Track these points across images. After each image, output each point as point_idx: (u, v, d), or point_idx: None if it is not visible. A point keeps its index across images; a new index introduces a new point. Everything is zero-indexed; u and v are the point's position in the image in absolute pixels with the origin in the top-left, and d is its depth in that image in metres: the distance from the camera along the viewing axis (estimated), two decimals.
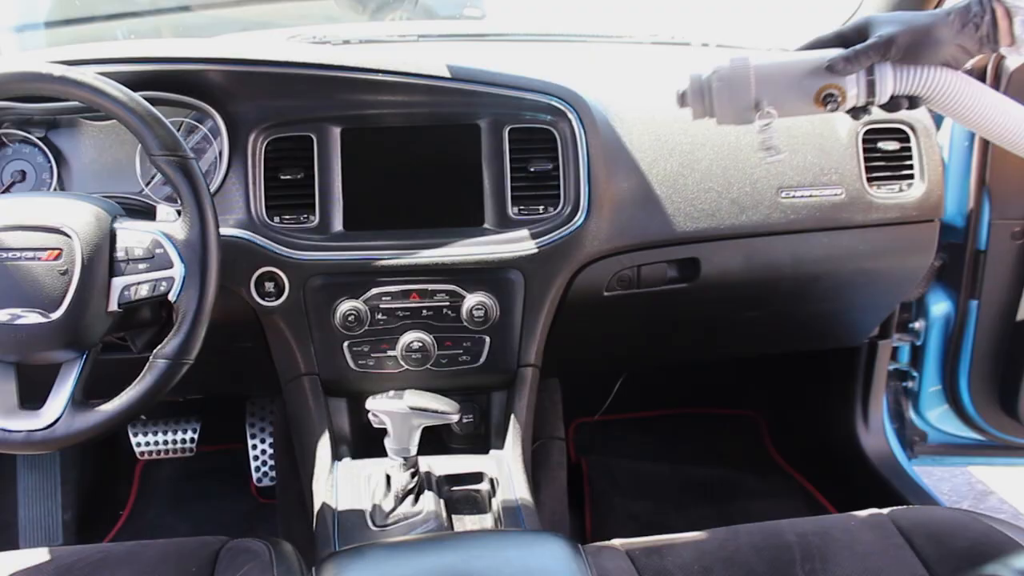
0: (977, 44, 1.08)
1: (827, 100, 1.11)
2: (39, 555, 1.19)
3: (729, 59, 1.14)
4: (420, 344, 1.48)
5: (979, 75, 1.87)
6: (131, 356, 1.30)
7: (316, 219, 1.47)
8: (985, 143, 1.87)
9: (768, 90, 1.12)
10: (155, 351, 1.18)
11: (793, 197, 1.61)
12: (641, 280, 1.61)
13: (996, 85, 1.83)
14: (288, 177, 1.46)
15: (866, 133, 1.66)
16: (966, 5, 1.09)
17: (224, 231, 1.37)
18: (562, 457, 1.98)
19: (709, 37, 2.05)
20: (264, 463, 2.17)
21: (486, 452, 1.56)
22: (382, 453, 1.37)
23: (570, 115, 1.48)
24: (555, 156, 1.50)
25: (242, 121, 1.45)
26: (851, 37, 1.13)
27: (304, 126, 1.47)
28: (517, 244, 1.48)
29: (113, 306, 1.17)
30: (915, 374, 2.14)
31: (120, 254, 1.18)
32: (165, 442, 2.19)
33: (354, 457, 1.53)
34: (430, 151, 1.50)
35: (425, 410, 1.32)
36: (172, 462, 2.31)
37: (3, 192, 1.46)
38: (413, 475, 1.36)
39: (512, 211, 1.49)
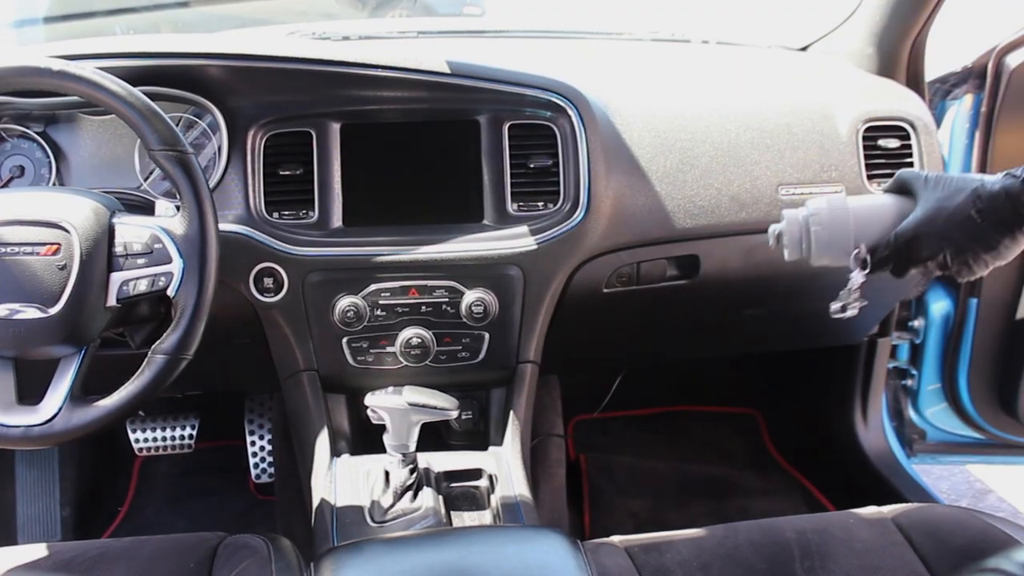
0: None
1: None
2: (37, 551, 1.19)
3: (827, 200, 1.15)
4: (419, 340, 1.47)
5: (979, 74, 1.87)
6: (130, 352, 1.29)
7: (315, 215, 1.47)
8: (985, 141, 1.87)
9: (865, 234, 1.13)
10: (154, 346, 1.17)
11: (793, 194, 1.61)
12: (640, 277, 1.61)
13: (996, 84, 1.83)
14: (287, 173, 1.46)
15: (866, 131, 1.66)
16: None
17: (223, 226, 1.37)
18: (561, 454, 1.98)
19: (709, 34, 2.05)
20: (263, 459, 2.17)
21: (485, 449, 1.55)
22: (381, 449, 1.36)
23: (570, 111, 1.48)
24: (555, 152, 1.50)
25: (241, 116, 1.45)
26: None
27: (303, 122, 1.47)
28: (516, 240, 1.47)
29: (112, 301, 1.17)
30: (914, 372, 2.14)
31: (119, 249, 1.18)
32: (163, 438, 2.19)
33: (353, 453, 1.53)
34: (430, 147, 1.50)
35: (424, 406, 1.32)
36: (170, 458, 2.30)
37: (2, 187, 1.46)
38: (412, 471, 1.36)
39: (512, 207, 1.49)
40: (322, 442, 1.52)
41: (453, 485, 1.45)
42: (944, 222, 1.08)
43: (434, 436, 1.57)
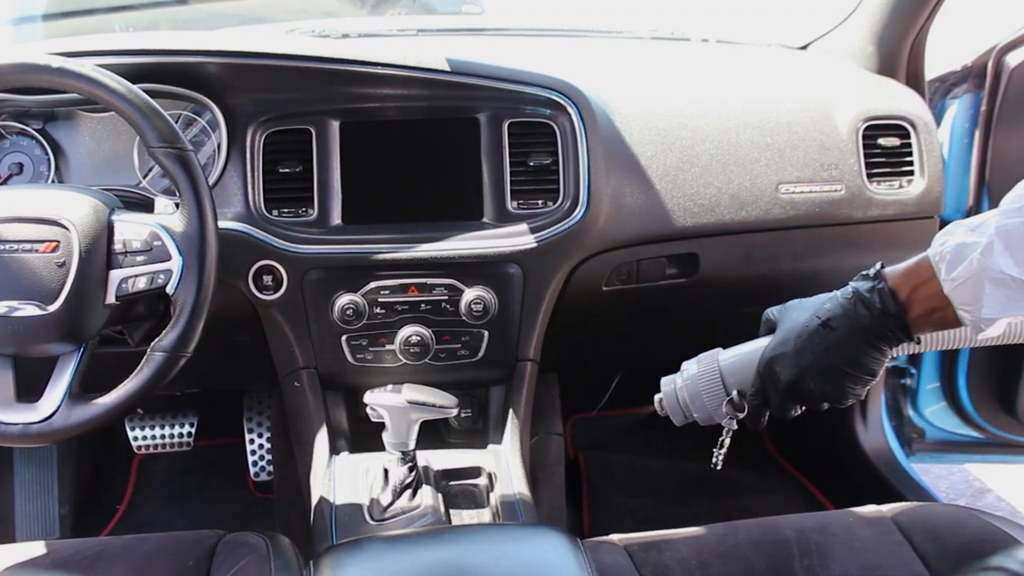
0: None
1: None
2: (36, 548, 1.19)
3: (697, 360, 1.16)
4: (418, 338, 1.47)
5: (979, 73, 1.87)
6: (128, 350, 1.29)
7: (314, 212, 1.46)
8: (985, 140, 1.87)
9: (741, 381, 1.12)
10: (152, 344, 1.17)
11: (793, 193, 1.61)
12: (640, 275, 1.61)
13: (996, 83, 1.83)
14: (287, 170, 1.46)
15: (866, 129, 1.66)
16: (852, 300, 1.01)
17: (222, 224, 1.37)
18: (560, 452, 1.97)
19: (708, 33, 2.05)
20: (262, 457, 2.17)
21: (484, 447, 1.56)
22: (380, 447, 1.36)
23: (570, 109, 1.48)
24: (554, 150, 1.49)
25: (240, 114, 1.45)
26: None
27: (303, 119, 1.46)
28: (516, 238, 1.47)
29: (111, 299, 1.16)
30: (913, 371, 2.14)
31: (118, 246, 1.17)
32: (162, 436, 2.18)
33: (352, 451, 1.53)
34: (429, 145, 1.50)
35: (423, 404, 1.32)
36: (169, 456, 2.30)
37: (0, 184, 1.45)
38: (411, 469, 1.36)
39: (511, 205, 1.49)
40: (321, 440, 1.52)
41: (452, 483, 1.45)
42: (796, 341, 1.03)
43: (433, 434, 1.57)
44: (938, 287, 0.94)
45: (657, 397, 1.20)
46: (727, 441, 1.16)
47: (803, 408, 1.08)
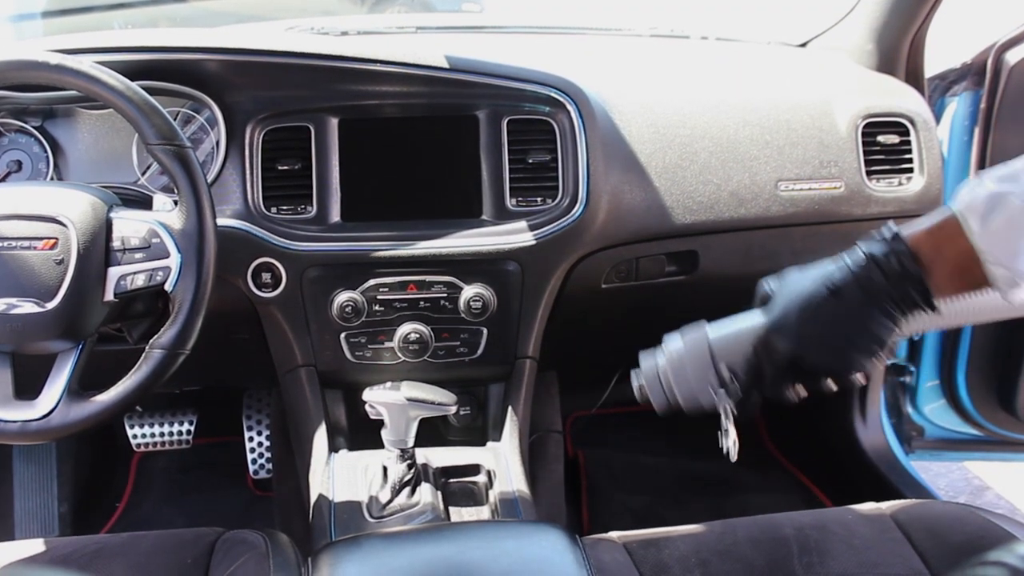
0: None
1: None
2: (35, 546, 1.19)
3: (681, 334, 1.04)
4: (417, 336, 1.47)
5: (979, 70, 1.87)
6: (127, 347, 1.29)
7: (313, 210, 1.46)
8: (984, 137, 1.87)
9: (733, 360, 1.00)
10: (151, 341, 1.17)
11: (792, 190, 1.61)
12: (639, 273, 1.61)
13: (995, 81, 1.83)
14: (285, 168, 1.46)
15: (865, 127, 1.66)
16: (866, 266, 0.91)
17: (221, 221, 1.37)
18: (559, 450, 1.97)
19: (708, 30, 2.05)
20: (261, 455, 2.17)
21: (483, 444, 1.56)
22: (379, 445, 1.36)
23: (569, 107, 1.47)
24: (553, 148, 1.49)
25: (239, 111, 1.45)
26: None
27: (302, 116, 1.46)
28: (515, 236, 1.47)
29: (109, 296, 1.17)
30: (912, 369, 2.14)
31: (116, 244, 1.17)
32: (161, 434, 2.19)
33: (351, 449, 1.53)
34: (428, 142, 1.49)
35: (422, 402, 1.32)
36: (168, 454, 2.30)
37: None
38: (410, 467, 1.36)
39: (510, 203, 1.49)
40: (320, 438, 1.52)
41: (451, 481, 1.45)
42: (800, 312, 0.94)
43: (432, 432, 1.57)
44: (966, 243, 0.86)
45: (636, 380, 1.08)
46: (731, 428, 1.04)
47: (803, 390, 1.00)
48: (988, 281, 0.86)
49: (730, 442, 1.05)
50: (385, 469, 1.37)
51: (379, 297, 1.47)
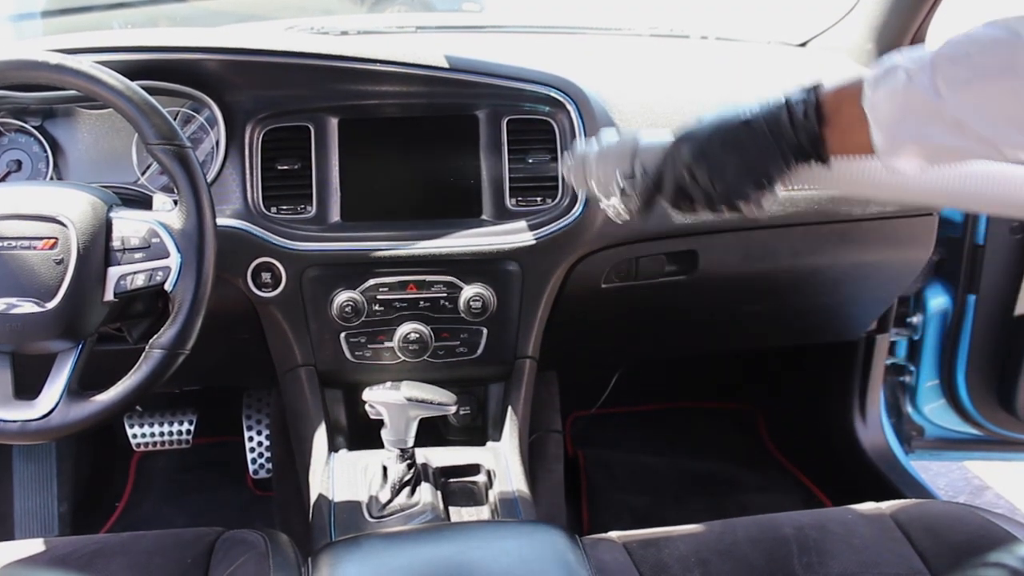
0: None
1: None
2: (35, 546, 1.19)
3: (621, 131, 1.14)
4: (417, 335, 1.47)
5: None
6: (127, 347, 1.29)
7: (313, 209, 1.46)
8: None
9: (645, 157, 1.09)
10: (151, 341, 1.17)
11: (791, 189, 1.60)
12: (639, 272, 1.61)
13: None
14: (285, 167, 1.46)
15: None
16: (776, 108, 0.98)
17: (221, 221, 1.37)
18: (559, 450, 1.97)
19: (708, 30, 2.05)
20: (260, 455, 2.17)
21: (483, 444, 1.56)
22: (379, 444, 1.36)
23: (569, 107, 1.47)
24: (553, 148, 1.49)
25: (239, 111, 1.45)
26: None
27: (301, 116, 1.46)
28: (515, 235, 1.47)
29: (109, 295, 1.17)
30: (912, 369, 2.14)
31: (116, 243, 1.17)
32: (161, 434, 2.19)
33: (351, 448, 1.53)
34: (428, 142, 1.49)
35: (422, 401, 1.32)
36: (168, 454, 2.30)
37: None
38: (410, 467, 1.36)
39: (510, 202, 1.49)
40: (320, 437, 1.52)
41: (451, 481, 1.45)
42: (711, 128, 1.02)
43: (432, 431, 1.57)
44: (860, 107, 0.92)
45: (566, 162, 1.18)
46: (617, 203, 1.12)
47: (695, 207, 1.06)
48: (872, 148, 0.93)
49: (611, 211, 1.14)
50: (385, 469, 1.37)
51: (379, 297, 1.47)
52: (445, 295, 1.48)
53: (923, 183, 1.00)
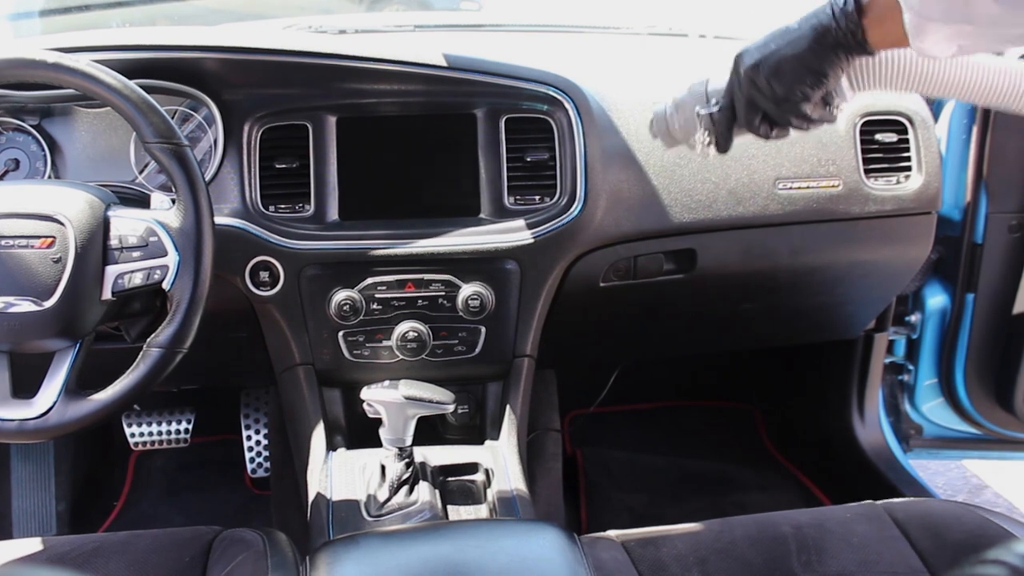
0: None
1: None
2: (33, 545, 1.19)
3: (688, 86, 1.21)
4: (415, 334, 1.47)
5: None
6: (125, 346, 1.29)
7: (311, 208, 1.46)
8: (983, 136, 1.87)
9: (716, 88, 1.18)
10: (149, 340, 1.17)
11: (790, 188, 1.61)
12: (637, 271, 1.61)
13: None
14: (283, 166, 1.46)
15: (864, 125, 1.66)
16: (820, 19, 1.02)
17: (219, 220, 1.37)
18: (557, 449, 1.98)
19: (706, 28, 2.05)
20: (259, 454, 2.17)
21: (481, 443, 1.55)
22: (377, 443, 1.36)
23: (567, 105, 1.47)
24: (552, 146, 1.49)
25: (237, 109, 1.45)
26: None
27: (299, 115, 1.46)
28: (513, 234, 1.47)
29: (107, 294, 1.16)
30: (911, 367, 2.14)
31: (114, 242, 1.17)
32: (159, 433, 2.19)
33: (349, 447, 1.53)
34: (426, 140, 1.49)
35: (420, 400, 1.31)
36: (166, 453, 2.30)
37: None
38: (408, 465, 1.36)
39: (508, 201, 1.49)
40: (318, 436, 1.52)
41: (449, 479, 1.45)
42: (767, 39, 1.07)
43: (430, 430, 1.57)
44: None
45: (649, 119, 1.25)
46: (706, 136, 1.18)
47: (766, 124, 1.11)
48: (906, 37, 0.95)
49: (699, 147, 1.19)
50: (383, 468, 1.37)
51: (377, 296, 1.47)
52: (443, 294, 1.48)
53: (961, 77, 1.03)
